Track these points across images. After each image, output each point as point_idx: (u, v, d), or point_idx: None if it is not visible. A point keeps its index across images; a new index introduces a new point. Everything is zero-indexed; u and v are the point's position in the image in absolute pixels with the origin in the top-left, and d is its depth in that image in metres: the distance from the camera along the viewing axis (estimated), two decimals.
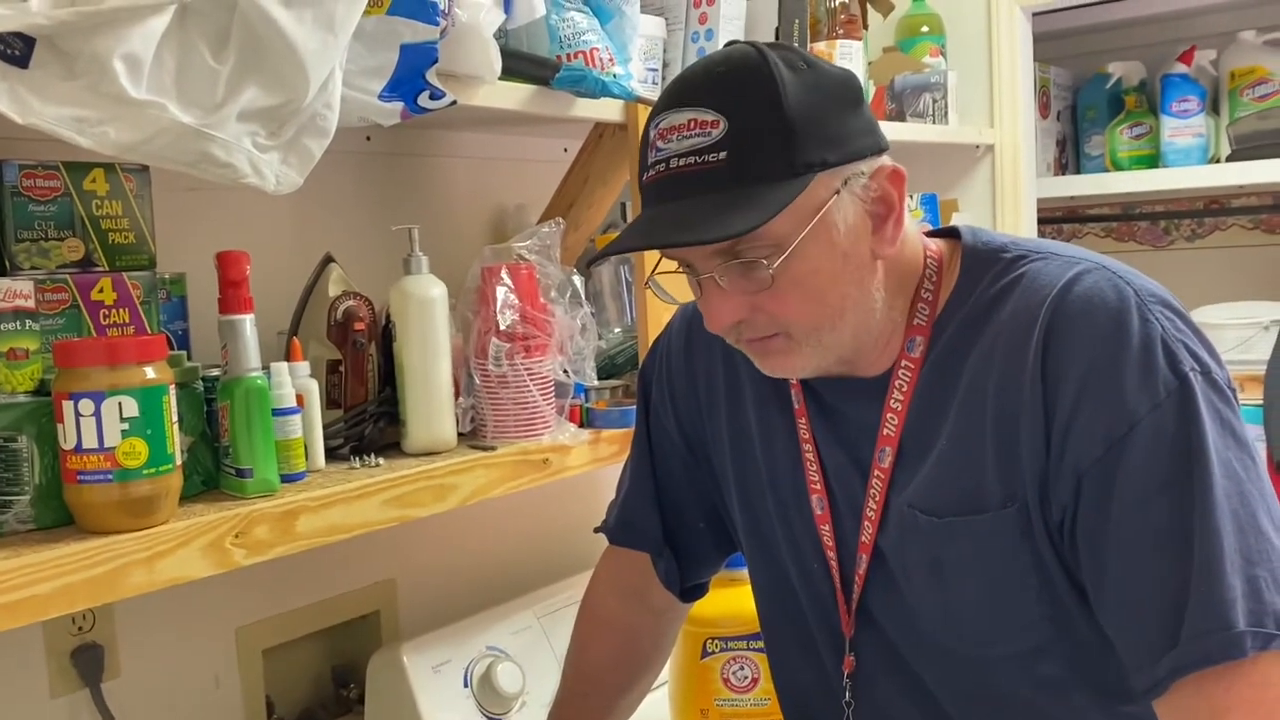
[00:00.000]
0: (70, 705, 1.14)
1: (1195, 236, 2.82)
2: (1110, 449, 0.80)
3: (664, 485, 1.12)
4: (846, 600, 0.97)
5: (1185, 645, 0.76)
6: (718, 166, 0.82)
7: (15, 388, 0.91)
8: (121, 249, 1.01)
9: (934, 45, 2.23)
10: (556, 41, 1.24)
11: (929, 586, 0.91)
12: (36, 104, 0.77)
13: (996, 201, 2.30)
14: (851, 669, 0.97)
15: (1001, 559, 0.87)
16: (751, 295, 0.85)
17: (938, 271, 0.93)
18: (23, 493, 0.85)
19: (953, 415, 0.88)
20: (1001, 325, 0.87)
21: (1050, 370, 0.83)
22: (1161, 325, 0.82)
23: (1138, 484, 0.79)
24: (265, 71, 0.87)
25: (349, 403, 1.14)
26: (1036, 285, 0.87)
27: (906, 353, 0.92)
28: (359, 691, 1.38)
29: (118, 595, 0.84)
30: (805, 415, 0.98)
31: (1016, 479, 0.85)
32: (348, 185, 1.38)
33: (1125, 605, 0.81)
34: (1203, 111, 2.50)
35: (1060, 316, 0.84)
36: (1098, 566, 0.82)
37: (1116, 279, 0.85)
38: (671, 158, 0.83)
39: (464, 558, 1.53)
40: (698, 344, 1.08)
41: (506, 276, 1.20)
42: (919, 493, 0.90)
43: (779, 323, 0.87)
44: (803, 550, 1.00)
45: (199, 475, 0.97)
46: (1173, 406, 0.79)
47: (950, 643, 0.92)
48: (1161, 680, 0.78)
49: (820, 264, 0.85)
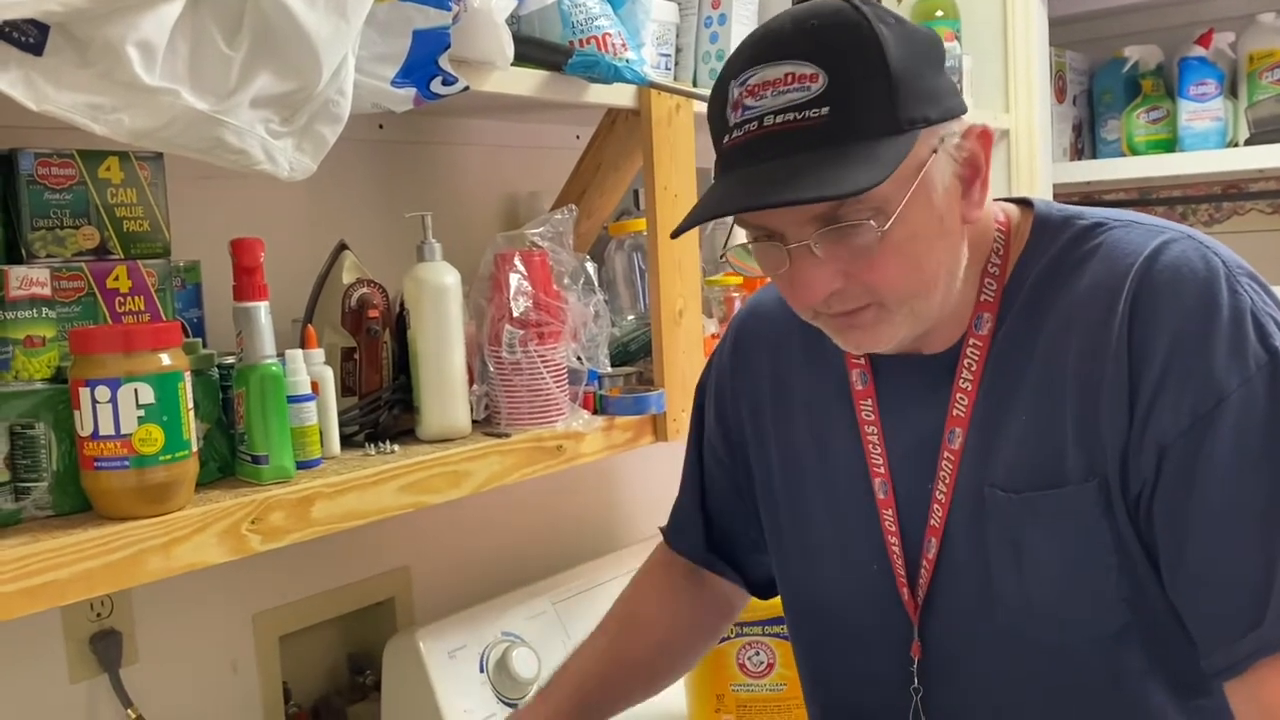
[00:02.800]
0: (89, 690, 1.15)
1: (1213, 221, 2.79)
2: (1197, 423, 0.78)
3: (712, 499, 1.12)
4: (912, 588, 0.93)
5: (1270, 626, 0.75)
6: (820, 123, 0.77)
7: (32, 375, 0.92)
8: (136, 237, 1.01)
9: (949, 29, 2.21)
10: (569, 27, 1.24)
11: (1006, 568, 0.88)
12: (51, 91, 0.77)
13: (1012, 187, 2.28)
14: (920, 656, 0.94)
15: (1082, 536, 0.84)
16: (847, 263, 0.81)
17: (1005, 242, 0.90)
18: (41, 479, 0.86)
19: (1028, 389, 0.86)
20: (1081, 294, 0.85)
21: (1136, 341, 0.81)
22: (1251, 298, 0.80)
23: (1226, 459, 0.78)
24: (278, 58, 0.87)
25: (364, 390, 1.14)
26: (1120, 253, 0.84)
27: (975, 331, 0.89)
28: (375, 678, 1.39)
29: (135, 581, 0.85)
30: (871, 396, 0.95)
31: (1098, 452, 0.83)
32: (361, 173, 1.38)
33: (1206, 582, 0.79)
34: (1221, 95, 2.47)
35: (1147, 286, 0.81)
36: (1176, 541, 0.80)
37: (1204, 249, 0.83)
38: (765, 115, 0.78)
39: (478, 544, 1.54)
40: (744, 360, 1.07)
41: (520, 264, 1.20)
42: (996, 470, 0.87)
43: (874, 292, 0.83)
44: (855, 546, 0.96)
45: (215, 462, 0.98)
46: (1263, 381, 0.78)
47: (1024, 627, 0.88)
48: (1241, 661, 0.76)
49: (920, 228, 0.81)
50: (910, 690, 0.95)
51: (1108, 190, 2.88)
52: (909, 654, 0.94)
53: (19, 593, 0.78)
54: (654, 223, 1.33)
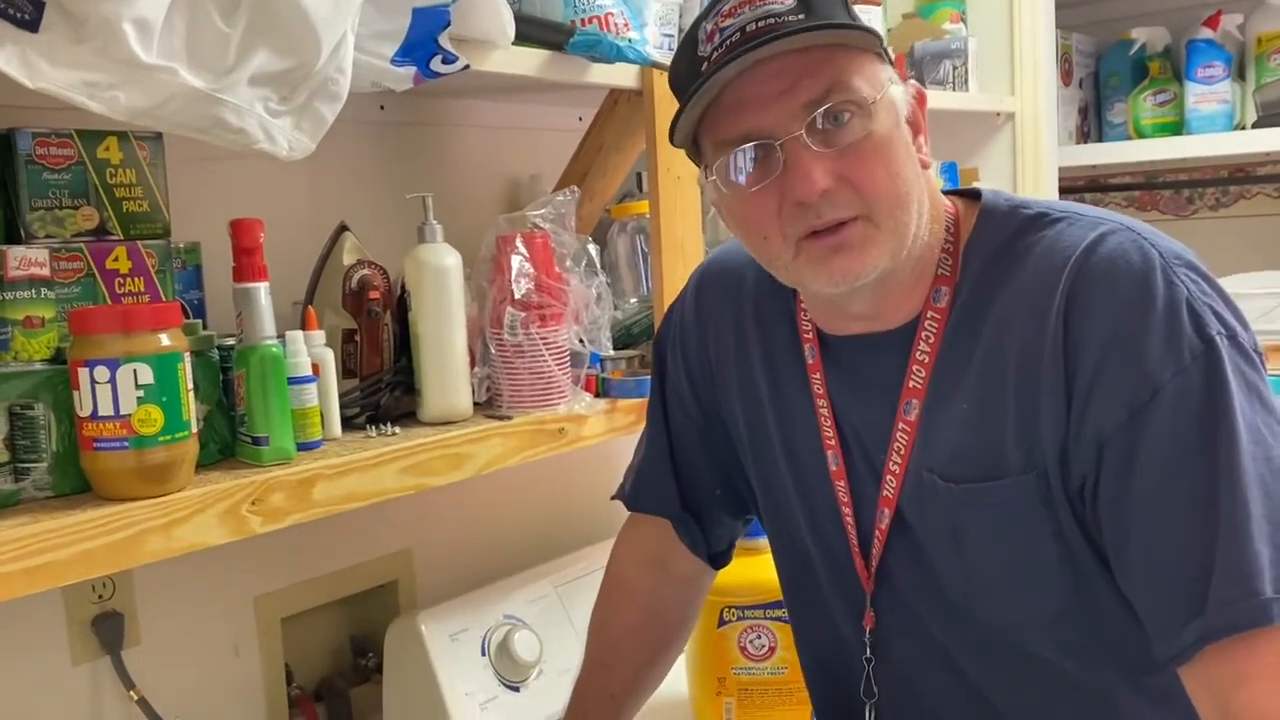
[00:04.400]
0: (92, 672, 1.15)
1: (1219, 205, 2.78)
2: (1134, 415, 0.79)
3: (680, 452, 1.11)
4: (865, 558, 0.96)
5: (1211, 613, 0.75)
6: (798, 22, 0.81)
7: (31, 356, 0.91)
8: (136, 217, 1.00)
9: (954, 11, 2.19)
10: (570, 6, 1.23)
11: (949, 551, 0.90)
12: (47, 68, 0.76)
13: (1017, 170, 2.27)
14: (872, 625, 0.96)
15: (1021, 526, 0.86)
16: (836, 161, 0.83)
17: (955, 228, 0.91)
18: (40, 460, 0.86)
19: (973, 377, 0.87)
20: (1022, 287, 0.86)
21: (1072, 335, 0.82)
22: (1187, 288, 0.80)
23: (1162, 450, 0.78)
24: (276, 35, 0.86)
25: (364, 372, 1.14)
26: (1059, 246, 0.85)
27: (932, 303, 0.90)
28: (377, 660, 1.39)
29: (135, 561, 0.85)
30: (820, 370, 0.96)
31: (1036, 445, 0.84)
32: (362, 154, 1.37)
33: (1149, 573, 0.80)
34: (1228, 77, 2.46)
35: (1083, 280, 0.82)
36: (1120, 534, 0.81)
37: (1141, 240, 0.83)
38: (746, 24, 0.82)
39: (480, 527, 1.53)
40: (708, 308, 1.07)
41: (521, 245, 1.19)
42: (938, 457, 0.89)
43: (862, 199, 0.84)
44: (818, 510, 0.99)
45: (215, 443, 0.97)
46: (1198, 371, 0.78)
47: (971, 605, 0.91)
48: (1186, 648, 0.77)
49: (894, 134, 0.85)
50: (863, 660, 0.97)
51: (1113, 174, 2.86)
52: (863, 624, 0.96)
53: (19, 573, 0.78)
54: (656, 205, 1.32)
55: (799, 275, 0.88)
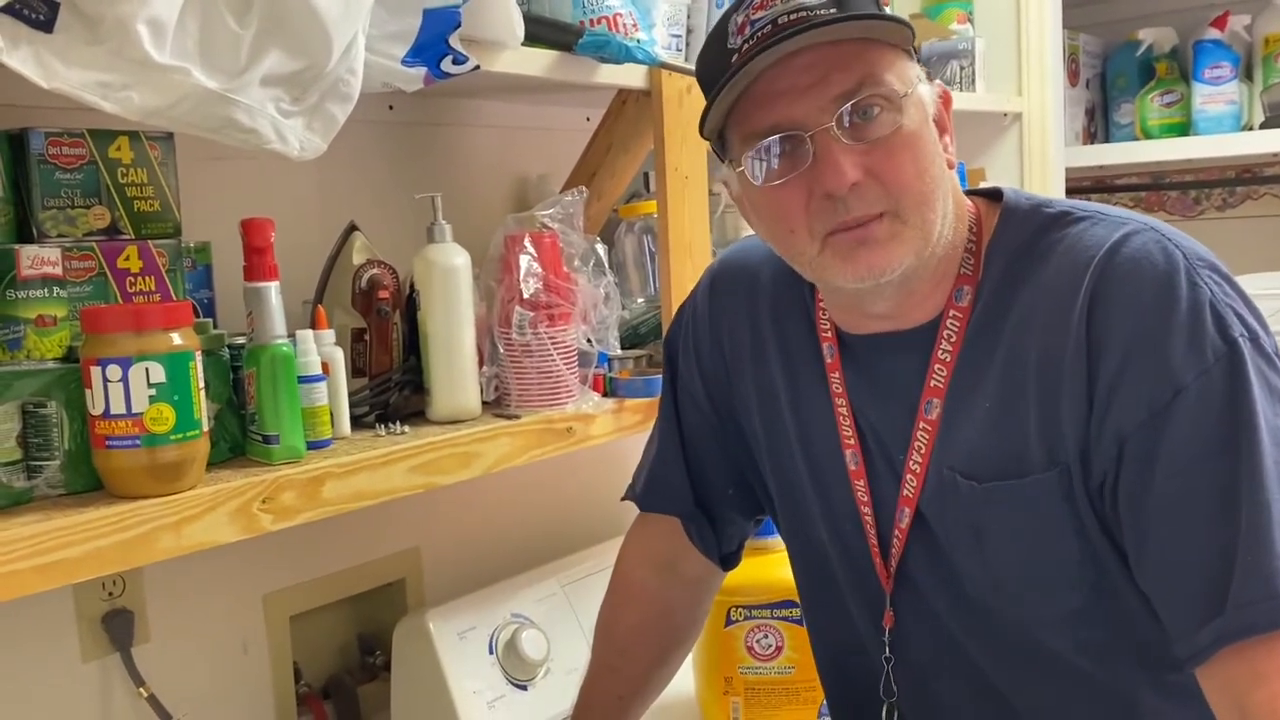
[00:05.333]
0: (101, 669, 1.15)
1: (1226, 206, 2.78)
2: (1155, 415, 0.79)
3: (692, 451, 1.10)
4: (884, 557, 0.95)
5: (1230, 614, 0.75)
6: (830, 15, 0.82)
7: (44, 354, 0.92)
8: (147, 217, 1.01)
9: (961, 11, 2.19)
10: (579, 7, 1.23)
11: (970, 549, 0.90)
12: (61, 68, 0.77)
13: (1024, 171, 2.26)
14: (892, 624, 0.96)
15: (1043, 523, 0.86)
16: (866, 155, 0.83)
17: (978, 227, 0.91)
18: (53, 458, 0.86)
19: (994, 376, 0.87)
20: (1044, 286, 0.85)
21: (1095, 335, 0.81)
22: (1210, 290, 0.80)
23: (1183, 451, 0.78)
24: (288, 36, 0.87)
25: (374, 371, 1.14)
26: (1082, 246, 0.85)
27: (955, 302, 0.90)
28: (385, 658, 1.39)
29: (146, 559, 0.85)
30: (839, 369, 0.96)
31: (1059, 443, 0.84)
32: (371, 154, 1.38)
33: (1168, 573, 0.80)
34: (1236, 78, 2.45)
35: (1106, 279, 0.82)
36: (1140, 533, 0.81)
37: (1165, 241, 0.83)
38: (778, 16, 0.82)
39: (488, 526, 1.54)
40: (721, 306, 1.07)
41: (530, 245, 1.20)
42: (960, 456, 0.89)
43: (890, 194, 0.84)
44: (836, 510, 0.98)
45: (226, 442, 0.98)
46: (1220, 373, 0.78)
47: (991, 603, 0.91)
48: (1204, 649, 0.77)
49: (923, 131, 0.86)
50: (882, 659, 0.97)
51: (1120, 175, 2.86)
52: (883, 623, 0.96)
53: (31, 570, 0.78)
54: (664, 205, 1.33)
55: (823, 270, 0.88)
